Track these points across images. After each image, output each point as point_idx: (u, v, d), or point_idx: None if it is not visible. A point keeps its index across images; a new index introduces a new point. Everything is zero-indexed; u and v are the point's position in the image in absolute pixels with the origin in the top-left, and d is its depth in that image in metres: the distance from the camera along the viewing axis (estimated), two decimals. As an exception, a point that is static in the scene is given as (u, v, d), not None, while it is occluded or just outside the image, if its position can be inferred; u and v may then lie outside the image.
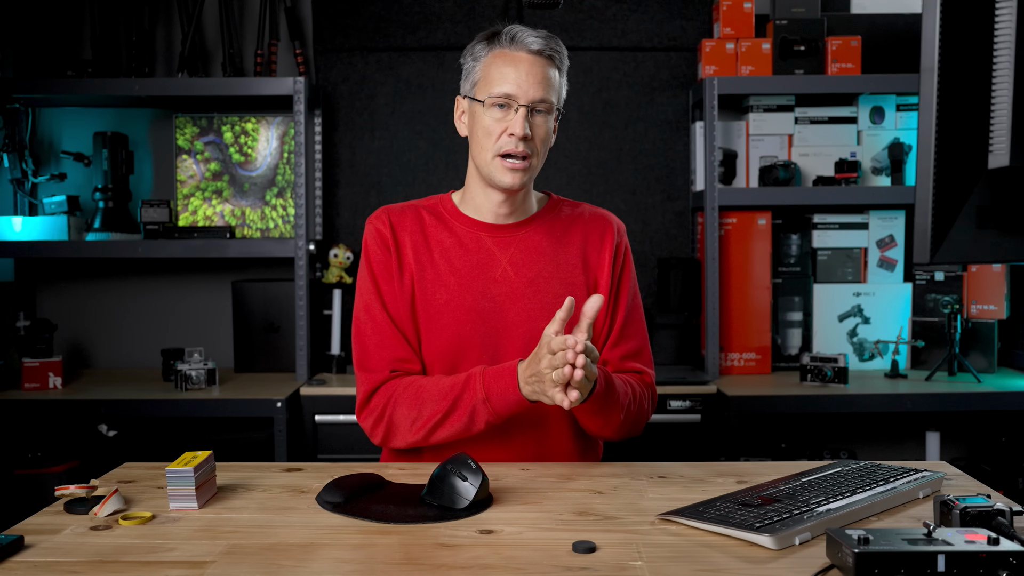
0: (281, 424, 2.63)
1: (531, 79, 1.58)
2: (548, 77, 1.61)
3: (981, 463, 2.99)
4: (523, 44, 1.60)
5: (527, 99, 1.58)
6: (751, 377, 2.94)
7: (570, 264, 1.68)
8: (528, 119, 1.58)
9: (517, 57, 1.60)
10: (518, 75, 1.58)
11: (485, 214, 1.68)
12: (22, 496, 2.68)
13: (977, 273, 3.01)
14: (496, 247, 1.67)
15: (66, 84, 2.85)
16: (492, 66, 1.60)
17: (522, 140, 1.58)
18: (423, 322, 1.64)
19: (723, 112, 3.10)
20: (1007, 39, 1.04)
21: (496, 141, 1.59)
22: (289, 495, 1.41)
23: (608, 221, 1.73)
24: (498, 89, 1.58)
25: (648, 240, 3.20)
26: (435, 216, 1.70)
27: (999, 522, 1.11)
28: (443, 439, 1.57)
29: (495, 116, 1.59)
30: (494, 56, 1.61)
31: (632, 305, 1.73)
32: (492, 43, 1.62)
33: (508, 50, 1.60)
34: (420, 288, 1.65)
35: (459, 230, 1.68)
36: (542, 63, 1.60)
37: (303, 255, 2.83)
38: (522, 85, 1.58)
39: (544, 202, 1.75)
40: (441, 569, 1.10)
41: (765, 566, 1.10)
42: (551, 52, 1.61)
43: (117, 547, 1.18)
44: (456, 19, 3.17)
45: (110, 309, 3.20)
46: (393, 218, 1.69)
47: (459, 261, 1.66)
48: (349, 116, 3.18)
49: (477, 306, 1.63)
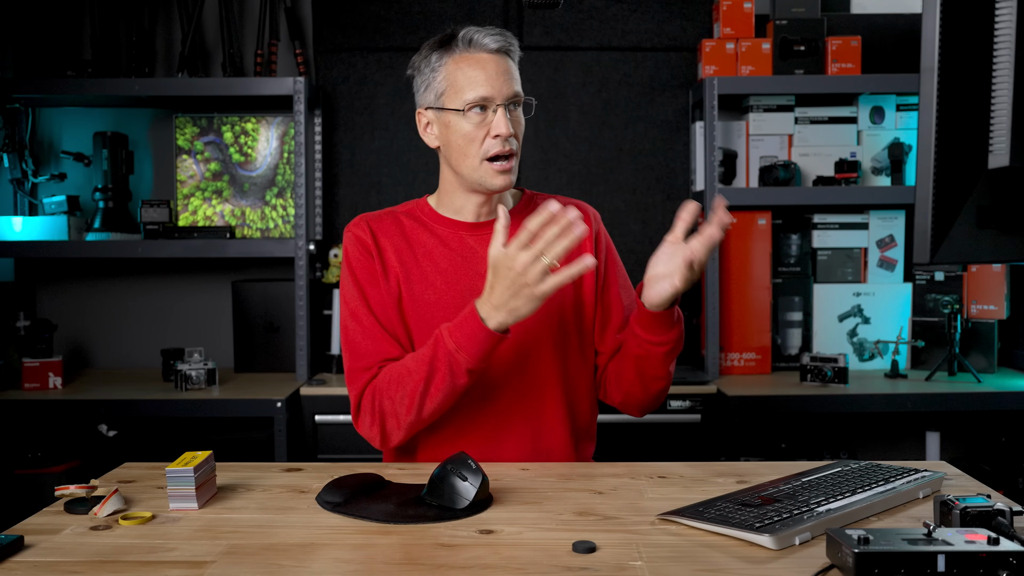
0: (281, 424, 2.63)
1: (500, 77, 1.58)
2: (512, 72, 1.61)
3: (981, 463, 2.99)
4: (482, 45, 1.59)
5: (503, 97, 1.58)
6: (751, 377, 2.94)
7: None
8: (506, 116, 1.58)
9: (480, 58, 1.59)
10: (487, 76, 1.58)
11: (465, 214, 1.69)
12: (22, 496, 2.68)
13: (977, 273, 3.01)
14: (478, 244, 1.68)
15: (66, 84, 2.85)
16: (457, 72, 1.59)
17: (508, 138, 1.59)
18: (413, 321, 1.65)
19: (723, 112, 3.10)
20: (1007, 39, 1.04)
21: (481, 146, 1.59)
22: (289, 495, 1.41)
23: (583, 209, 1.75)
24: (472, 94, 1.57)
25: (648, 240, 3.20)
26: (414, 220, 1.71)
27: (999, 522, 1.11)
28: (435, 408, 1.55)
29: (474, 121, 1.59)
30: (456, 62, 1.60)
31: (623, 284, 1.75)
32: (448, 49, 1.61)
33: (469, 53, 1.60)
34: (407, 289, 1.65)
35: (440, 231, 1.69)
36: (504, 59, 1.61)
37: (303, 255, 2.83)
38: (495, 85, 1.58)
39: (519, 198, 1.77)
40: (441, 569, 1.10)
41: (765, 566, 1.10)
42: (508, 47, 1.62)
43: (117, 547, 1.18)
44: (456, 19, 3.16)
45: (110, 309, 3.20)
46: (372, 224, 1.69)
47: (443, 261, 1.66)
48: (349, 116, 3.18)
49: (464, 302, 1.63)
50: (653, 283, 1.55)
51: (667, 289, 1.53)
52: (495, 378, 1.64)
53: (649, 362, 1.62)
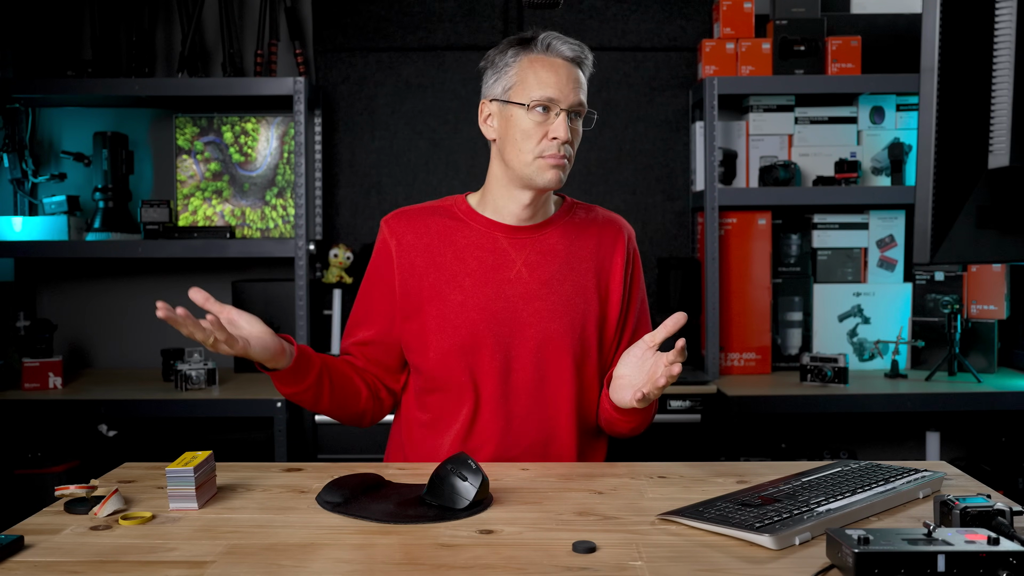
0: (281, 424, 2.63)
1: (569, 84, 1.61)
2: (582, 82, 1.64)
3: (981, 463, 2.99)
4: (559, 51, 1.62)
5: (567, 103, 1.61)
6: (751, 377, 2.94)
7: (583, 267, 1.70)
8: (567, 122, 1.61)
9: (555, 63, 1.62)
10: (558, 80, 1.60)
11: (505, 216, 1.69)
12: (22, 496, 2.68)
13: (977, 273, 3.01)
14: (512, 248, 1.68)
15: (66, 84, 2.85)
16: (529, 71, 1.62)
17: (564, 143, 1.60)
18: (438, 321, 1.65)
19: (723, 112, 3.10)
20: (1007, 39, 1.04)
21: (538, 144, 1.61)
22: (289, 495, 1.41)
23: (620, 226, 1.76)
24: (539, 93, 1.60)
25: (648, 240, 3.20)
26: (450, 217, 1.71)
27: (999, 522, 1.11)
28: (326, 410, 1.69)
29: (536, 119, 1.60)
30: (531, 61, 1.62)
31: (641, 310, 1.77)
32: (525, 49, 1.64)
33: (545, 56, 1.62)
34: (435, 288, 1.66)
35: (475, 230, 1.69)
36: (576, 69, 1.63)
37: (303, 255, 2.83)
38: (563, 90, 1.60)
39: (560, 204, 1.77)
40: (441, 569, 1.10)
41: (765, 566, 1.10)
42: (583, 59, 1.65)
43: (117, 547, 1.18)
44: (456, 19, 3.17)
45: (110, 309, 3.20)
46: (404, 224, 1.71)
47: (474, 262, 1.67)
48: (349, 116, 3.18)
49: (491, 306, 1.65)
50: (617, 386, 1.59)
51: (627, 400, 1.56)
52: (514, 386, 1.65)
53: (615, 427, 1.69)
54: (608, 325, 1.71)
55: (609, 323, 1.71)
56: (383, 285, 1.70)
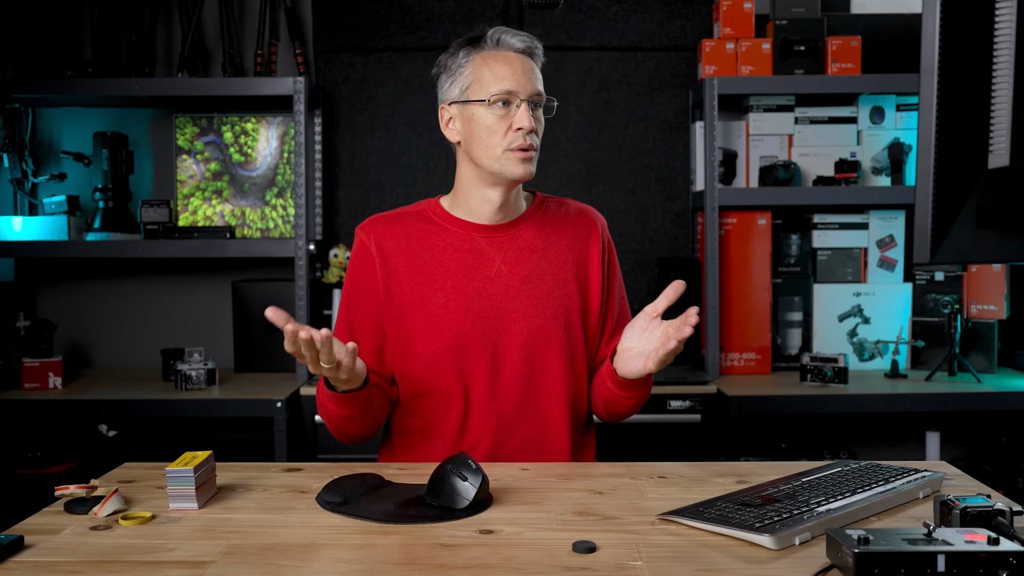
0: (281, 424, 2.63)
1: (525, 75, 1.63)
2: (537, 72, 1.66)
3: (981, 463, 2.99)
4: (509, 44, 1.64)
5: (527, 93, 1.62)
6: (751, 377, 2.94)
7: (561, 260, 1.71)
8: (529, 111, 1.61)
9: (507, 56, 1.63)
10: (514, 72, 1.61)
11: (479, 216, 1.70)
12: (22, 496, 2.68)
13: (977, 273, 3.01)
14: (489, 247, 1.68)
15: (66, 84, 2.85)
16: (484, 67, 1.62)
17: (529, 133, 1.61)
18: (423, 325, 1.65)
19: (723, 112, 3.10)
20: (1007, 39, 1.04)
21: (504, 137, 1.61)
22: (289, 495, 1.41)
23: (593, 218, 1.77)
24: (497, 87, 1.61)
25: (648, 240, 3.20)
26: (425, 221, 1.71)
27: (999, 522, 1.11)
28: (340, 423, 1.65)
29: (498, 113, 1.61)
30: (483, 58, 1.63)
31: (621, 297, 1.78)
32: (476, 47, 1.65)
33: (497, 51, 1.64)
34: (416, 293, 1.66)
35: (452, 232, 1.70)
36: (529, 60, 1.65)
37: (303, 255, 2.83)
38: (520, 81, 1.61)
39: (531, 200, 1.77)
40: (441, 569, 1.10)
41: (765, 566, 1.10)
42: (533, 49, 1.66)
43: (117, 547, 1.18)
44: (456, 19, 3.17)
45: (110, 309, 3.20)
46: (381, 229, 1.70)
47: (453, 264, 1.67)
48: (349, 116, 3.18)
49: (475, 305, 1.65)
50: (626, 357, 1.58)
51: (639, 368, 1.55)
52: (503, 383, 1.65)
53: (617, 406, 1.68)
54: (591, 315, 1.72)
55: (592, 313, 1.72)
56: (369, 293, 1.68)
